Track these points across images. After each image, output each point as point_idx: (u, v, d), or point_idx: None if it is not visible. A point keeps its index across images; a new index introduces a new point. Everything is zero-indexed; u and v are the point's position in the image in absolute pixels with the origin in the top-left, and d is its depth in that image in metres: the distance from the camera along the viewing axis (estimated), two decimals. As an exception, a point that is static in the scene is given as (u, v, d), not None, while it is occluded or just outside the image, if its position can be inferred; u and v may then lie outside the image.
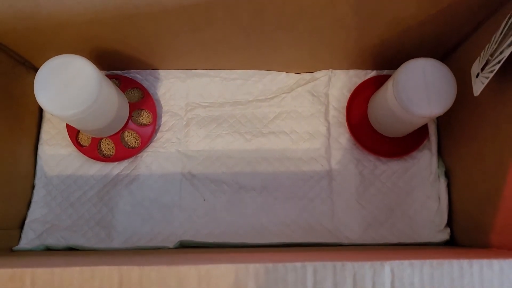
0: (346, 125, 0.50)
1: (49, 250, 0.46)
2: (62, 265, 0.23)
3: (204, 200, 0.48)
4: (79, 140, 0.49)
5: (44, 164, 0.49)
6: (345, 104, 0.50)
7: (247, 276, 0.23)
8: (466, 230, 0.44)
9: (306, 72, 0.52)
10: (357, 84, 0.51)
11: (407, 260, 0.24)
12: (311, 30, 0.43)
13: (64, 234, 0.47)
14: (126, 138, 0.49)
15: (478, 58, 0.38)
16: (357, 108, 0.50)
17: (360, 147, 0.49)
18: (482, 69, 0.36)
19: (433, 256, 0.25)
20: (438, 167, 0.48)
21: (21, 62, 0.47)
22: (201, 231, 0.47)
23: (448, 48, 0.47)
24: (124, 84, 0.50)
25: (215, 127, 0.50)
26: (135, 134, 0.49)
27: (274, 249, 0.44)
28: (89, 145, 0.49)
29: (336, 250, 0.42)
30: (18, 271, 0.23)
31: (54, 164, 0.49)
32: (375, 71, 0.52)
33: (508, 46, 0.32)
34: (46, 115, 0.50)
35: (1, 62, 0.44)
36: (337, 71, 0.52)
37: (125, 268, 0.23)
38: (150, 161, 0.49)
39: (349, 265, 0.24)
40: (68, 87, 0.39)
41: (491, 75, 0.34)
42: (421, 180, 0.49)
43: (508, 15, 0.34)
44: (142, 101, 0.50)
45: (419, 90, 0.40)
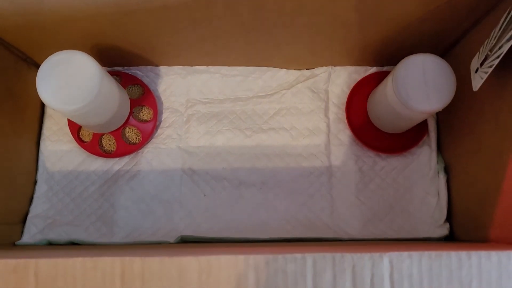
0: (345, 121, 0.50)
1: (51, 245, 0.47)
2: (64, 256, 0.24)
3: (205, 195, 0.48)
4: (80, 136, 0.49)
5: (46, 159, 0.49)
6: (344, 100, 0.51)
7: (247, 267, 0.24)
8: (465, 225, 0.45)
9: (306, 69, 0.52)
10: (357, 81, 0.51)
11: (406, 252, 0.24)
12: (311, 27, 0.43)
13: (66, 229, 0.47)
14: (127, 134, 0.50)
15: (477, 53, 0.38)
16: (357, 104, 0.50)
17: (359, 143, 0.50)
18: (481, 64, 0.36)
19: (432, 249, 0.26)
20: (437, 163, 0.48)
21: (22, 58, 0.47)
22: (202, 226, 0.47)
23: (448, 44, 0.47)
24: (124, 80, 0.51)
25: (216, 123, 0.51)
26: (136, 130, 0.50)
27: (274, 244, 0.44)
28: (90, 141, 0.49)
29: (336, 245, 0.42)
30: (22, 261, 0.23)
31: (56, 160, 0.49)
32: (375, 67, 0.52)
33: (507, 41, 0.32)
34: (48, 111, 0.51)
35: (3, 58, 0.44)
36: (337, 68, 0.52)
37: (127, 259, 0.23)
38: (151, 157, 0.49)
39: (348, 257, 0.24)
40: (70, 82, 0.39)
41: (490, 70, 0.34)
42: (421, 176, 0.49)
43: (507, 10, 0.34)
44: (143, 98, 0.50)
45: (419, 86, 0.40)
